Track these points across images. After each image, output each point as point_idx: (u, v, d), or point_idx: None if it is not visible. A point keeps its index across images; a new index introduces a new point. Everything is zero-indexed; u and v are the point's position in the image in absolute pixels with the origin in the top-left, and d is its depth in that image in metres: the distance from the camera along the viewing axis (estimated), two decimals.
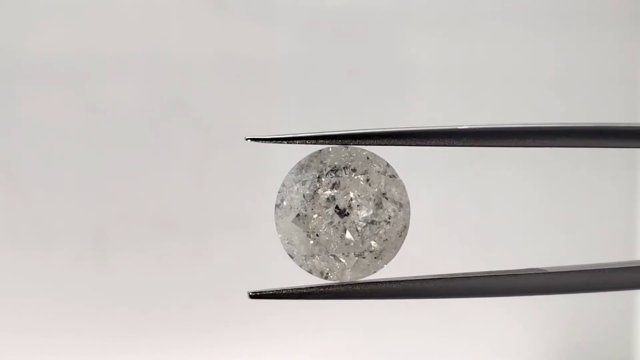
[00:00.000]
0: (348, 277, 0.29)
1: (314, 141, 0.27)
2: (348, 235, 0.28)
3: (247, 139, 0.27)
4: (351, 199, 0.28)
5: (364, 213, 0.28)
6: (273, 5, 0.72)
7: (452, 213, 0.75)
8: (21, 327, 0.70)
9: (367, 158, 0.28)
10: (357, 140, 0.27)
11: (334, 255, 0.28)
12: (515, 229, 0.76)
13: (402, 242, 0.29)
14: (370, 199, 0.28)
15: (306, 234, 0.28)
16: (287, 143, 0.27)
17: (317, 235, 0.28)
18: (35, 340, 0.70)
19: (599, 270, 0.30)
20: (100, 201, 0.70)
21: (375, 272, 0.29)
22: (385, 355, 0.75)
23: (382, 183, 0.28)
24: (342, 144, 0.28)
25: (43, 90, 0.69)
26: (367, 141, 0.27)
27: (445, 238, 0.75)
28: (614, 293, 0.78)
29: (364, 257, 0.28)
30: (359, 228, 0.28)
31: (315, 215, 0.28)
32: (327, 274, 0.29)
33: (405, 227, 0.29)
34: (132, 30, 0.70)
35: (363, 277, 0.29)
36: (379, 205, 0.28)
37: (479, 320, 0.76)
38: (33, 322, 0.70)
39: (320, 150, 0.28)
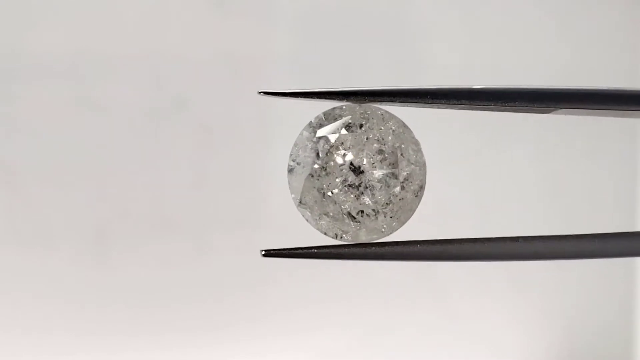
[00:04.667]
0: (363, 238, 0.28)
1: (329, 97, 0.27)
2: (362, 194, 0.27)
3: (260, 92, 0.27)
4: (366, 157, 0.27)
5: (379, 172, 0.27)
6: (273, 3, 0.72)
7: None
8: (21, 325, 0.69)
9: (382, 116, 0.28)
10: (372, 97, 0.27)
11: (349, 214, 0.27)
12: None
13: (419, 202, 0.28)
14: (385, 157, 0.27)
15: (320, 193, 0.27)
16: (302, 98, 0.27)
17: (332, 193, 0.27)
18: (35, 339, 0.70)
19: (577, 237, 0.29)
20: (101, 200, 0.70)
21: (390, 233, 0.28)
22: (384, 353, 0.75)
23: (398, 142, 0.28)
24: (356, 102, 0.28)
25: (43, 90, 0.69)
26: (382, 98, 0.27)
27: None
28: (615, 292, 0.78)
29: (378, 218, 0.28)
30: (374, 187, 0.27)
31: (329, 174, 0.27)
32: (342, 234, 0.28)
33: (422, 187, 0.28)
34: (131, 29, 0.70)
35: (378, 238, 0.28)
36: (394, 164, 0.27)
37: (478, 318, 0.76)
38: (33, 321, 0.70)
39: (333, 108, 0.28)
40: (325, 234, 0.28)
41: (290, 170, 0.28)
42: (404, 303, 0.75)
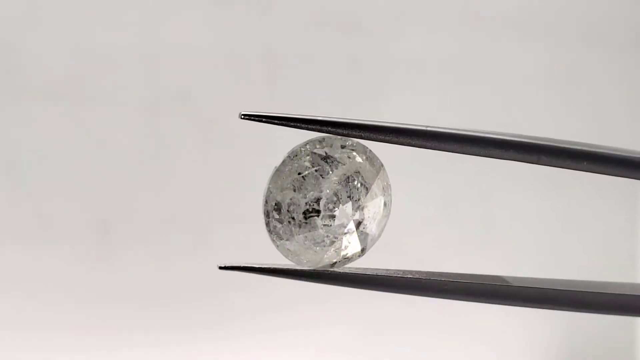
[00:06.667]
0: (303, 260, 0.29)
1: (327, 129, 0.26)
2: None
3: (241, 116, 0.27)
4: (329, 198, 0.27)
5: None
6: None
7: (453, 217, 0.75)
8: (25, 323, 0.69)
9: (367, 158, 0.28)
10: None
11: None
12: (516, 239, 0.76)
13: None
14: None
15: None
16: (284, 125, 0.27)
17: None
18: (39, 336, 0.69)
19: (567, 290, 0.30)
20: (104, 195, 0.70)
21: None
22: (384, 351, 0.75)
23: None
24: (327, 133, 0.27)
25: (44, 84, 0.68)
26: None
27: (443, 243, 0.74)
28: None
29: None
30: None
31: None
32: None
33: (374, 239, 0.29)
34: (131, 22, 0.69)
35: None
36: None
37: (479, 316, 0.75)
38: (36, 318, 0.69)
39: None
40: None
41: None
42: (404, 300, 0.74)
